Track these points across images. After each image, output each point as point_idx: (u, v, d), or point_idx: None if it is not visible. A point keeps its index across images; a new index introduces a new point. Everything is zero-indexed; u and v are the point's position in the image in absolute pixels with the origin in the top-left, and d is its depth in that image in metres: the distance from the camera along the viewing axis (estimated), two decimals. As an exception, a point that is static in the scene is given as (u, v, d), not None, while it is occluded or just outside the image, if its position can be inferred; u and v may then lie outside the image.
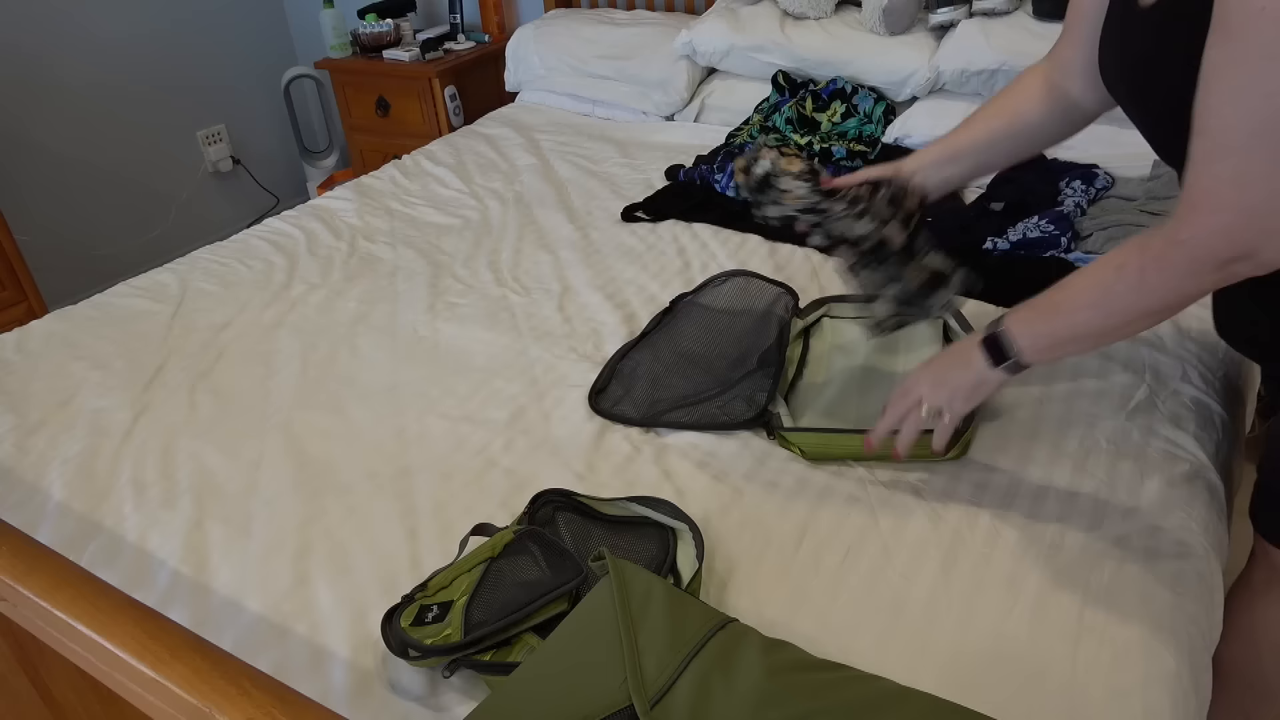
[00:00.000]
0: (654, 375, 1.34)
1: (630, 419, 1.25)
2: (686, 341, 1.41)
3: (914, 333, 1.36)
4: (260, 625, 0.98)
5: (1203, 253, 0.79)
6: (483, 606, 0.93)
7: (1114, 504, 1.05)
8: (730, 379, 1.30)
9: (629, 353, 1.39)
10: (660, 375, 1.33)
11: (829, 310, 1.44)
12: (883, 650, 0.90)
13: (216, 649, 0.66)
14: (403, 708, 0.88)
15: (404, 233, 1.91)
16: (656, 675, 0.74)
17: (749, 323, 1.41)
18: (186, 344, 1.53)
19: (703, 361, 1.35)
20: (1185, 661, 0.88)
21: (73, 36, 2.78)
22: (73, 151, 2.85)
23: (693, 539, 1.01)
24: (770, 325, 1.37)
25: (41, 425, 1.34)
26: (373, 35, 2.91)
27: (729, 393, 1.27)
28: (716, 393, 1.28)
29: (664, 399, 1.28)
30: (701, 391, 1.29)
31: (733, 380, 1.29)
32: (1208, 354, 1.30)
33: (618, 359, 1.38)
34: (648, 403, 1.28)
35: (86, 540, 1.12)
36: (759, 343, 1.34)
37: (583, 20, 2.57)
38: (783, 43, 2.17)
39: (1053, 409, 1.22)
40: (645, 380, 1.33)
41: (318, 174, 3.39)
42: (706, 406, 1.26)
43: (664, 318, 1.47)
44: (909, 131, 1.98)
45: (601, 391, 1.32)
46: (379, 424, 1.30)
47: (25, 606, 0.74)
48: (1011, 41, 1.86)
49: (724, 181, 1.91)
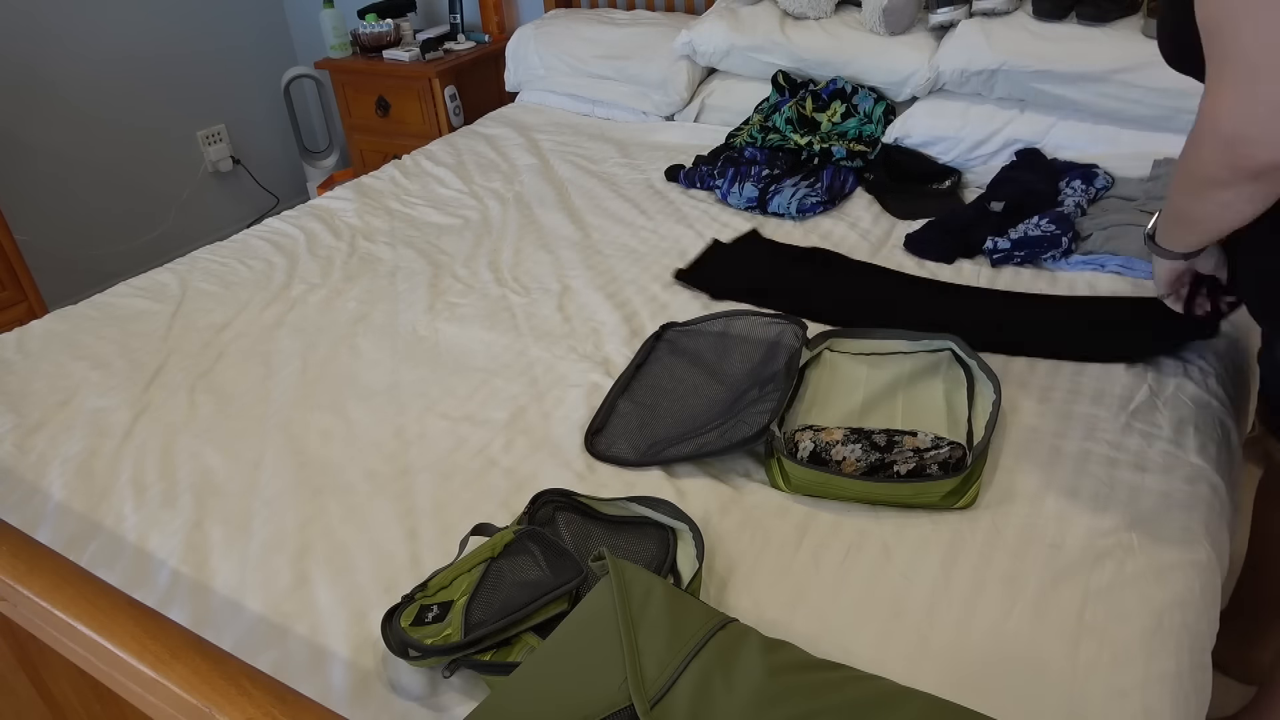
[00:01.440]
0: (653, 412, 1.26)
1: (628, 461, 1.18)
2: (688, 373, 1.34)
3: (914, 373, 1.29)
4: (260, 625, 0.98)
5: (1206, 123, 0.84)
6: (483, 606, 0.93)
7: (1114, 504, 1.05)
8: (734, 409, 1.23)
9: (625, 389, 1.32)
10: (659, 411, 1.27)
11: (831, 344, 1.37)
12: (883, 650, 0.90)
13: (216, 649, 0.66)
14: (403, 708, 0.88)
15: (404, 233, 1.91)
16: (656, 675, 0.74)
17: (758, 352, 1.34)
18: (186, 344, 1.53)
19: (706, 394, 1.29)
20: (1185, 661, 0.88)
21: (73, 36, 2.78)
22: (73, 151, 2.85)
23: (693, 539, 1.01)
24: (778, 353, 1.32)
25: (41, 425, 1.34)
26: (373, 35, 2.91)
27: (732, 420, 1.20)
28: (718, 423, 1.21)
29: (663, 438, 1.21)
30: (703, 425, 1.22)
31: (736, 411, 1.23)
32: (1209, 354, 1.30)
33: (615, 396, 1.30)
34: (647, 443, 1.21)
35: (86, 540, 1.12)
36: (765, 370, 1.29)
37: (583, 20, 2.57)
38: (783, 43, 2.17)
39: (1053, 409, 1.22)
40: (644, 418, 1.25)
41: (318, 174, 3.39)
42: (707, 437, 1.19)
43: (655, 344, 1.41)
44: (909, 131, 1.98)
45: (598, 432, 1.24)
46: (379, 424, 1.30)
47: (25, 606, 0.74)
48: (1011, 42, 1.86)
49: (724, 187, 1.91)
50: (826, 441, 1.10)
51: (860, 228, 1.77)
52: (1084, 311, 1.42)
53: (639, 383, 1.34)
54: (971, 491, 1.07)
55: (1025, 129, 1.88)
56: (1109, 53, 1.76)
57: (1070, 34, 1.83)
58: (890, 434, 1.11)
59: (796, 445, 1.12)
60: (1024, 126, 1.88)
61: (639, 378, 1.35)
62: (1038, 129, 1.87)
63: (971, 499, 1.07)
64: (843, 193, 1.90)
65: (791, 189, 1.85)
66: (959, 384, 1.25)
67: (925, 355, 1.32)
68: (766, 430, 1.14)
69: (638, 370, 1.37)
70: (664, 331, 1.45)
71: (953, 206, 1.80)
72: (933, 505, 1.06)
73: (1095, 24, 1.83)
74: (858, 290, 1.53)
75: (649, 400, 1.30)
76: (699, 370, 1.35)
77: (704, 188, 1.99)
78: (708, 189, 1.99)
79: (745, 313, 1.44)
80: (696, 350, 1.39)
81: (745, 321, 1.42)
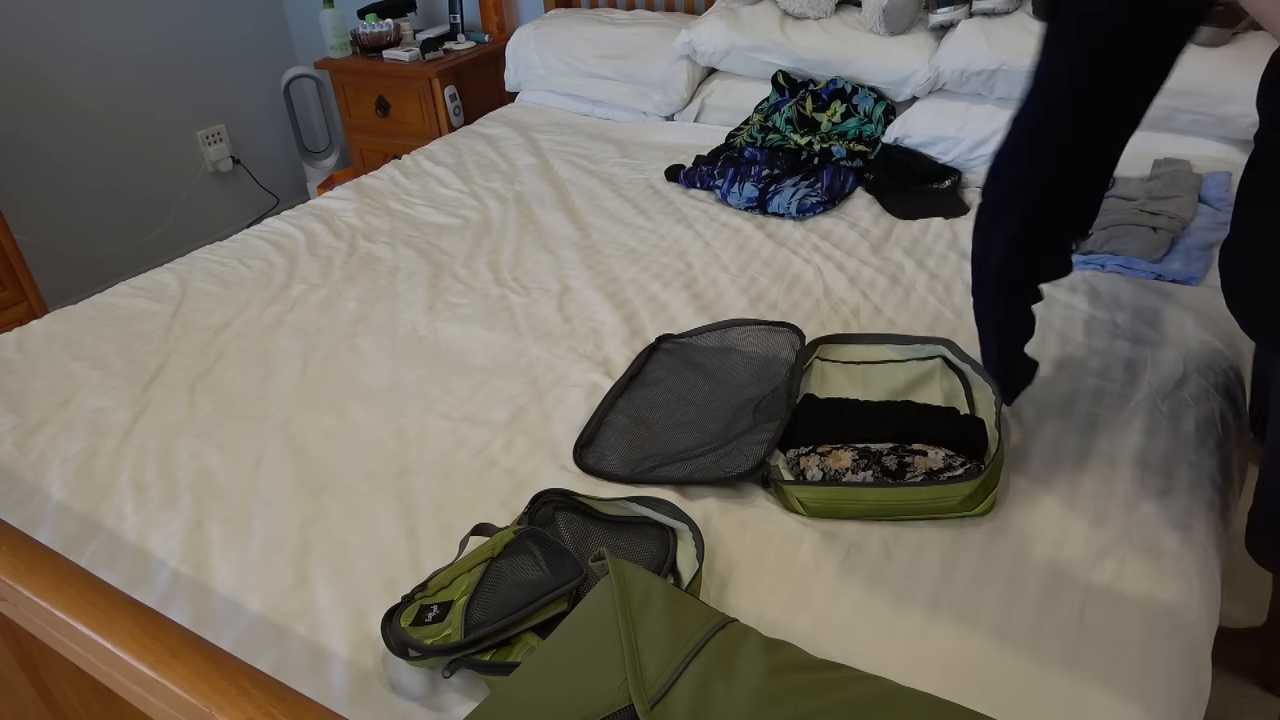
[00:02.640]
0: (646, 427, 1.22)
1: (617, 476, 1.15)
2: (683, 387, 1.30)
3: (910, 383, 1.27)
4: (260, 625, 0.98)
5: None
6: (483, 606, 0.93)
7: (1114, 503, 1.05)
8: (729, 433, 1.19)
9: (617, 400, 1.29)
10: (653, 426, 1.23)
11: (821, 353, 1.34)
12: (883, 650, 0.90)
13: (216, 649, 0.66)
14: (402, 708, 0.88)
15: (404, 233, 1.91)
16: (656, 675, 0.74)
17: (753, 368, 1.31)
18: (186, 344, 1.53)
19: (700, 410, 1.25)
20: (1185, 662, 0.88)
21: (73, 37, 2.78)
22: (73, 151, 2.85)
23: (693, 539, 1.01)
24: (775, 370, 1.29)
25: (41, 425, 1.34)
26: (373, 35, 2.91)
27: (727, 446, 1.16)
28: (713, 447, 1.17)
29: (655, 454, 1.18)
30: (697, 446, 1.18)
31: (731, 434, 1.19)
32: (1209, 353, 1.30)
33: (606, 408, 1.27)
34: (636, 459, 1.17)
35: (86, 540, 1.12)
36: (762, 390, 1.26)
37: (583, 20, 2.57)
38: (783, 43, 2.17)
39: (1053, 409, 1.22)
40: (636, 432, 1.22)
41: (318, 174, 3.39)
42: (701, 462, 1.15)
43: (651, 356, 1.38)
44: (909, 131, 1.98)
45: (588, 445, 1.21)
46: (379, 424, 1.30)
47: (25, 606, 0.74)
48: (1011, 42, 1.86)
49: (724, 187, 1.91)
50: (835, 469, 1.08)
51: (860, 227, 1.77)
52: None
53: (632, 395, 1.30)
54: (990, 498, 1.05)
55: (1025, 129, 1.88)
56: (1109, 53, 1.75)
57: (1070, 34, 1.83)
58: (901, 456, 1.09)
59: (804, 473, 1.10)
60: (1024, 126, 1.88)
61: (632, 390, 1.32)
62: (1038, 129, 1.87)
63: (989, 506, 1.05)
64: (843, 193, 1.90)
65: (791, 189, 1.85)
66: (957, 391, 1.24)
67: (917, 364, 1.30)
68: (763, 464, 1.11)
69: (631, 381, 1.33)
70: (660, 343, 1.42)
71: (954, 206, 1.80)
72: (949, 512, 1.04)
73: (1095, 24, 1.83)
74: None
75: (642, 414, 1.26)
76: (694, 385, 1.31)
77: (704, 188, 2.00)
78: (708, 189, 1.99)
79: (743, 322, 1.42)
80: (693, 363, 1.36)
81: (742, 331, 1.40)
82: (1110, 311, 1.42)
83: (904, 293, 1.53)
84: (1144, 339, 1.35)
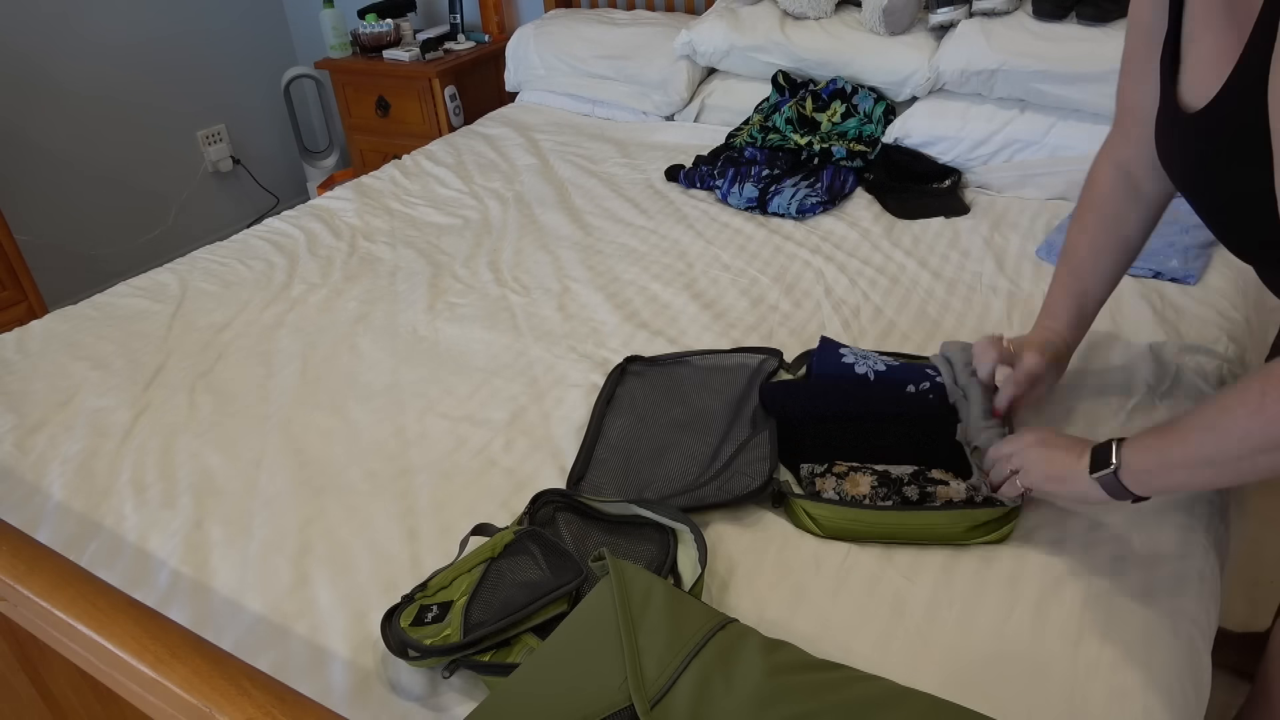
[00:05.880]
0: (640, 457, 1.18)
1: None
2: (672, 410, 1.26)
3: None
4: (260, 625, 0.98)
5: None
6: (482, 607, 0.93)
7: (1113, 503, 1.05)
8: (722, 452, 1.16)
9: (600, 432, 1.23)
10: (647, 456, 1.18)
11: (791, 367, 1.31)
12: (883, 650, 0.90)
13: (216, 649, 0.66)
14: (402, 708, 0.88)
15: (404, 233, 1.91)
16: (656, 675, 0.74)
17: (738, 383, 1.28)
18: (186, 344, 1.53)
19: (693, 433, 1.21)
20: (1185, 661, 0.88)
21: (73, 36, 2.78)
22: (73, 151, 2.85)
23: (693, 540, 1.01)
24: (756, 381, 1.26)
25: (41, 425, 1.34)
26: (373, 35, 2.91)
27: (728, 470, 1.12)
28: (714, 474, 1.12)
29: (650, 484, 1.13)
30: (695, 474, 1.14)
31: (726, 456, 1.15)
32: (1207, 354, 1.30)
33: (593, 441, 1.21)
34: (635, 491, 1.12)
35: (86, 540, 1.12)
36: (743, 407, 1.22)
37: (583, 20, 2.57)
38: (783, 43, 2.17)
39: (1053, 410, 1.22)
40: (630, 464, 1.17)
41: (318, 174, 3.39)
42: (704, 490, 1.10)
43: (621, 378, 1.33)
44: (909, 131, 1.98)
45: (579, 481, 1.15)
46: (379, 424, 1.30)
47: (25, 606, 0.74)
48: (1011, 42, 1.86)
49: (724, 187, 1.91)
50: (853, 495, 1.05)
51: (860, 227, 1.77)
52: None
53: (610, 422, 1.25)
54: (1009, 527, 1.02)
55: (1025, 129, 1.88)
56: (1109, 53, 1.75)
57: (1070, 34, 1.83)
58: (922, 486, 1.05)
59: (819, 493, 1.06)
60: (1024, 126, 1.88)
61: (610, 417, 1.26)
62: (1038, 129, 1.87)
63: (1007, 533, 1.02)
64: (843, 193, 1.90)
65: (791, 189, 1.85)
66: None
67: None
68: (771, 481, 1.08)
69: (607, 406, 1.28)
70: (628, 365, 1.36)
71: (953, 206, 1.80)
72: (972, 539, 1.01)
73: (1095, 24, 1.83)
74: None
75: (625, 444, 1.21)
76: (672, 407, 1.26)
77: (704, 188, 2.00)
78: (708, 189, 1.99)
79: (713, 351, 1.37)
80: (666, 385, 1.31)
81: (714, 357, 1.35)
82: (1108, 309, 1.42)
83: (904, 293, 1.53)
84: (1142, 337, 1.35)
